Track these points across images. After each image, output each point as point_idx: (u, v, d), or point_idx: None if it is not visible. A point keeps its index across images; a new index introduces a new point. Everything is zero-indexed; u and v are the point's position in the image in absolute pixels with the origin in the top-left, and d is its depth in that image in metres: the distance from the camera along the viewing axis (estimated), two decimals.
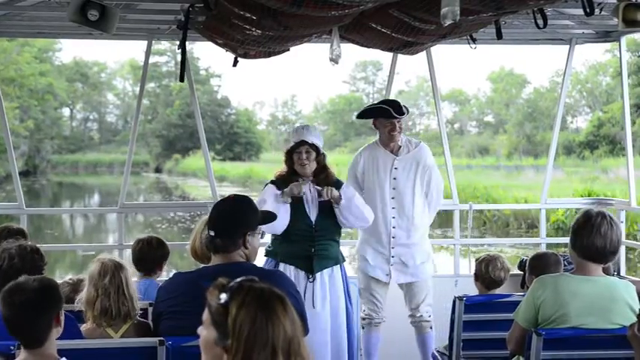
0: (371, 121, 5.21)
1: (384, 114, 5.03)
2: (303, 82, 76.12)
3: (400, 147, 5.12)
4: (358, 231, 5.28)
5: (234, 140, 52.31)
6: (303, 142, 4.59)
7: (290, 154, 4.65)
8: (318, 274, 4.54)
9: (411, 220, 5.09)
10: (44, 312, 2.65)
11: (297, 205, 4.55)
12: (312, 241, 4.55)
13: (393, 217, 5.07)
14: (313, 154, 4.61)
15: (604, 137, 39.85)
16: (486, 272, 4.40)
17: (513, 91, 50.20)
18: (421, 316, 5.15)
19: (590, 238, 3.28)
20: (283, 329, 1.98)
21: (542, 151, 43.43)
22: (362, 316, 5.21)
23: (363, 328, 5.20)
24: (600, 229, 3.28)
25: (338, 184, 4.70)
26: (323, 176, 4.64)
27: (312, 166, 4.61)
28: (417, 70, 53.09)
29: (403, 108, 5.07)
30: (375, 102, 5.47)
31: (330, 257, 4.60)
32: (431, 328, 5.15)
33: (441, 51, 5.65)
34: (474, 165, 39.04)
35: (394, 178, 5.08)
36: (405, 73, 54.85)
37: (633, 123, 38.94)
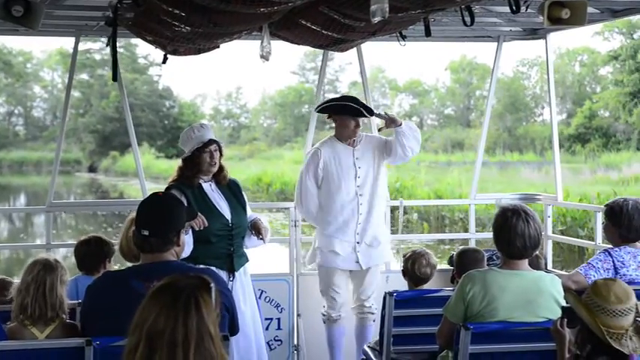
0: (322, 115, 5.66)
1: (354, 112, 5.44)
2: (248, 73, 74.65)
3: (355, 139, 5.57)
4: (319, 228, 5.61)
5: (177, 136, 50.95)
6: (213, 141, 4.75)
7: (199, 154, 4.74)
8: (237, 273, 4.73)
9: (374, 197, 5.54)
10: None
11: (210, 206, 4.71)
12: (231, 239, 4.73)
13: (361, 204, 5.51)
14: (218, 153, 4.80)
15: (596, 129, 38.45)
16: (412, 269, 4.80)
17: (475, 82, 50.14)
18: (370, 307, 5.58)
19: (511, 239, 3.60)
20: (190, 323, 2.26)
21: (525, 146, 42.32)
22: (322, 313, 5.63)
23: (324, 323, 5.63)
24: (517, 229, 3.59)
25: (233, 183, 4.92)
26: (223, 174, 4.85)
27: (218, 165, 4.81)
28: (371, 61, 53.02)
29: (372, 107, 5.58)
30: (336, 97, 5.81)
31: (243, 255, 4.84)
32: (374, 320, 5.52)
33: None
34: (455, 161, 36.61)
35: (359, 167, 5.53)
36: (358, 64, 54.26)
37: (630, 113, 36.32)
